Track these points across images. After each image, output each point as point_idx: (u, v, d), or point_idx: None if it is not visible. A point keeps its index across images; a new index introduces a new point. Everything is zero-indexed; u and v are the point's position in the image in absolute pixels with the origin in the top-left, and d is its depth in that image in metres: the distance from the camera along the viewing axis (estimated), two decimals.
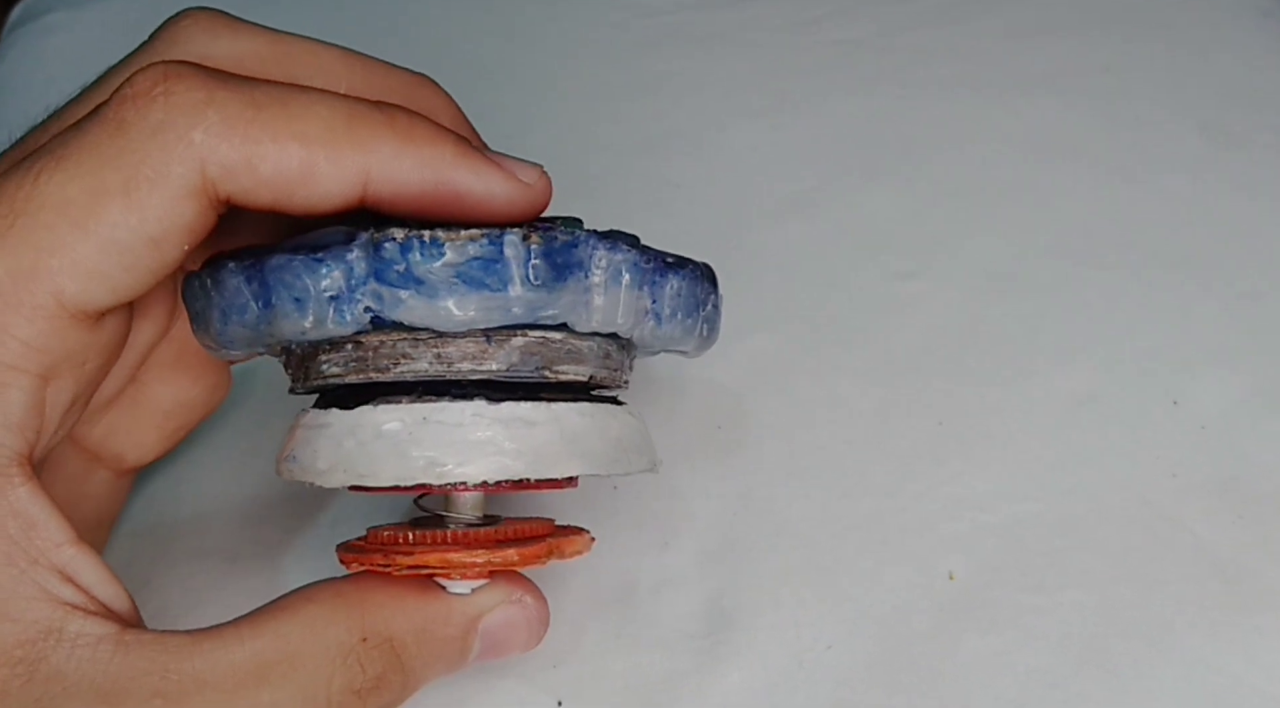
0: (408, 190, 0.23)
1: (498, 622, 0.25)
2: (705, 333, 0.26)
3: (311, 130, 0.22)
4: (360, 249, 0.22)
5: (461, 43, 0.48)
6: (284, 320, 0.22)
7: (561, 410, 0.23)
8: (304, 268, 0.22)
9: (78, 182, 0.21)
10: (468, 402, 0.23)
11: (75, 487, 0.28)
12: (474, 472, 0.22)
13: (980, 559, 0.29)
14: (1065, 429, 0.32)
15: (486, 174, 0.23)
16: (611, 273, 0.23)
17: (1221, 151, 0.40)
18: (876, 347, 0.35)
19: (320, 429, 0.23)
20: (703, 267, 0.26)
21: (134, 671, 0.21)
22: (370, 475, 0.22)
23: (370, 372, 0.23)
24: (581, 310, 0.23)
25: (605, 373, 0.25)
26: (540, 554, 0.24)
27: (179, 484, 0.33)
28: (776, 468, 0.32)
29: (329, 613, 0.23)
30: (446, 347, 0.23)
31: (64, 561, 0.22)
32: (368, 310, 0.22)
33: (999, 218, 0.38)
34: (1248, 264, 0.36)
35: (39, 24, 0.50)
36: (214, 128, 0.21)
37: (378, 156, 0.22)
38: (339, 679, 0.22)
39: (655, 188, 0.40)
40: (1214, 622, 0.28)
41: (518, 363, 0.23)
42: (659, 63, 0.46)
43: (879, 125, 0.42)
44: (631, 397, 0.33)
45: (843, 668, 0.28)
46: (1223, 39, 0.45)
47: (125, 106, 0.22)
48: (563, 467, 0.23)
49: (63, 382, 0.23)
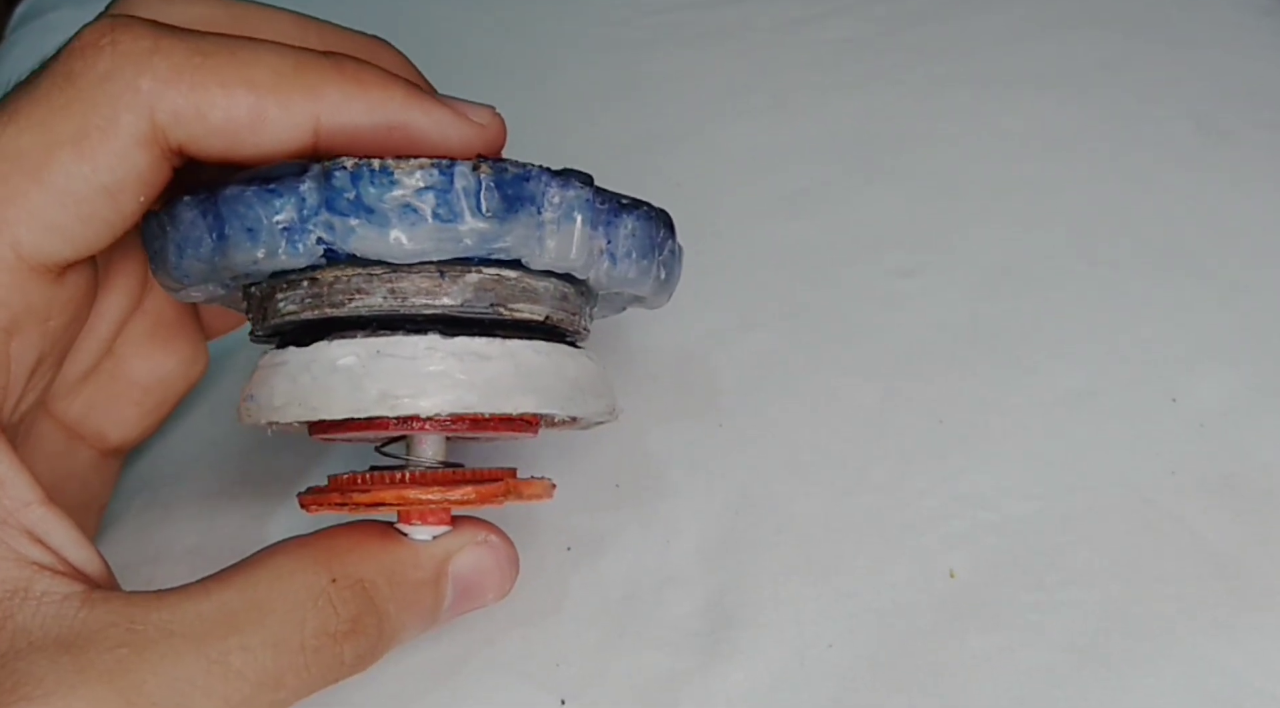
0: (359, 134, 0.23)
1: (467, 565, 0.25)
2: (662, 276, 0.26)
3: (260, 77, 0.22)
4: (312, 179, 0.22)
5: (462, 39, 0.48)
6: (237, 251, 0.22)
7: (516, 347, 0.24)
8: (257, 198, 0.22)
9: (29, 133, 0.21)
10: (422, 335, 0.23)
11: (59, 465, 0.28)
12: (427, 404, 0.23)
13: (981, 557, 0.29)
14: (1064, 427, 0.32)
15: (438, 114, 0.23)
16: (564, 209, 0.23)
17: (1219, 148, 0.40)
18: (877, 344, 0.35)
19: (277, 367, 0.24)
20: (659, 211, 0.26)
21: (99, 624, 0.21)
22: (324, 408, 0.23)
23: (325, 307, 0.23)
24: (534, 246, 0.23)
25: (563, 315, 0.25)
26: (497, 493, 0.24)
27: (160, 478, 0.33)
28: (778, 466, 0.32)
29: (295, 561, 0.23)
30: (400, 281, 0.23)
31: (32, 521, 0.22)
32: (320, 241, 0.22)
33: (998, 214, 0.39)
34: (1245, 260, 0.36)
35: (42, 22, 0.50)
36: (161, 75, 0.22)
37: (327, 102, 0.22)
38: (312, 622, 0.22)
39: (656, 185, 0.40)
40: (1214, 619, 0.28)
41: (472, 298, 0.23)
42: (660, 60, 0.46)
43: (879, 122, 0.42)
44: (632, 395, 0.34)
45: (844, 666, 0.28)
46: (1220, 36, 0.45)
47: (74, 58, 0.22)
48: (516, 401, 0.23)
49: (26, 338, 0.23)
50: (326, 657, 0.22)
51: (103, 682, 0.20)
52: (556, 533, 0.31)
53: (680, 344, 0.35)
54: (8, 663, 0.20)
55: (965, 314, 0.35)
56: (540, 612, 0.29)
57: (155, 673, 0.20)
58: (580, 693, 0.28)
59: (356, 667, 0.23)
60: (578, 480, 0.32)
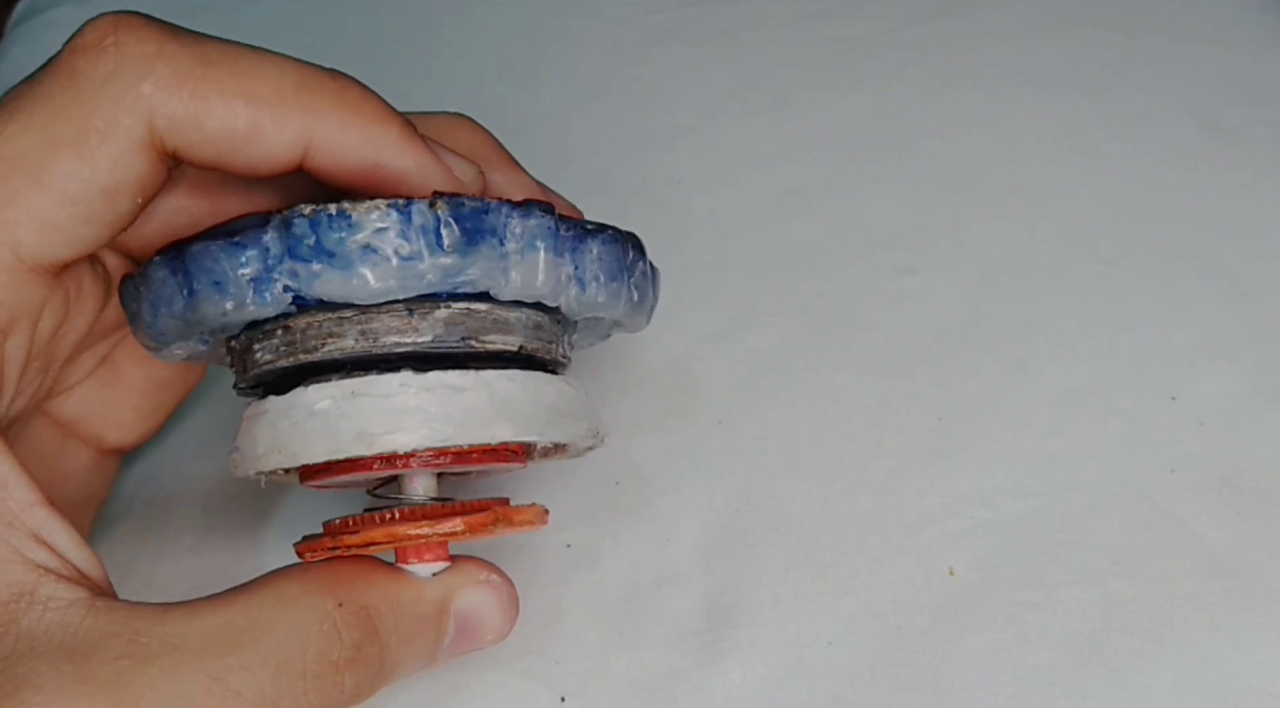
0: (346, 164, 0.23)
1: (469, 603, 0.25)
2: (635, 298, 0.26)
3: (260, 90, 0.22)
4: (274, 230, 0.22)
5: (463, 39, 0.48)
6: (206, 305, 0.23)
7: (490, 377, 0.24)
8: (222, 252, 0.22)
9: (30, 133, 0.21)
10: (395, 373, 0.23)
11: (54, 463, 0.28)
12: (405, 440, 0.23)
13: (980, 556, 0.29)
14: (1064, 425, 0.32)
15: (423, 162, 0.23)
16: (526, 239, 0.23)
17: (1219, 146, 0.40)
18: (876, 342, 0.35)
19: (258, 417, 0.24)
20: (626, 233, 0.26)
21: (102, 634, 0.21)
22: (304, 452, 0.23)
23: (300, 353, 0.23)
24: (499, 277, 0.23)
25: (538, 344, 0.25)
26: (486, 522, 0.24)
27: (161, 479, 0.33)
28: (777, 464, 0.32)
29: (302, 585, 0.23)
30: (370, 322, 0.23)
31: (36, 523, 0.22)
32: (287, 289, 0.22)
33: (998, 213, 0.38)
34: (1245, 258, 0.36)
35: (42, 19, 0.50)
36: (163, 81, 0.22)
37: (322, 125, 0.22)
38: (315, 647, 0.22)
39: (656, 183, 0.40)
40: (1213, 618, 0.28)
41: (443, 334, 0.23)
42: (661, 58, 0.46)
43: (879, 121, 0.42)
44: (631, 394, 0.34)
45: (843, 664, 0.28)
46: (1220, 34, 0.45)
47: (76, 57, 0.22)
48: (493, 430, 0.23)
49: (18, 337, 0.23)
50: (326, 684, 0.22)
51: (102, 693, 0.20)
52: (556, 531, 0.31)
53: (679, 342, 0.35)
54: (10, 667, 0.20)
55: (966, 312, 0.35)
56: (540, 610, 0.29)
57: (154, 688, 0.20)
58: (580, 691, 0.28)
59: (355, 697, 0.23)
60: (577, 480, 0.32)
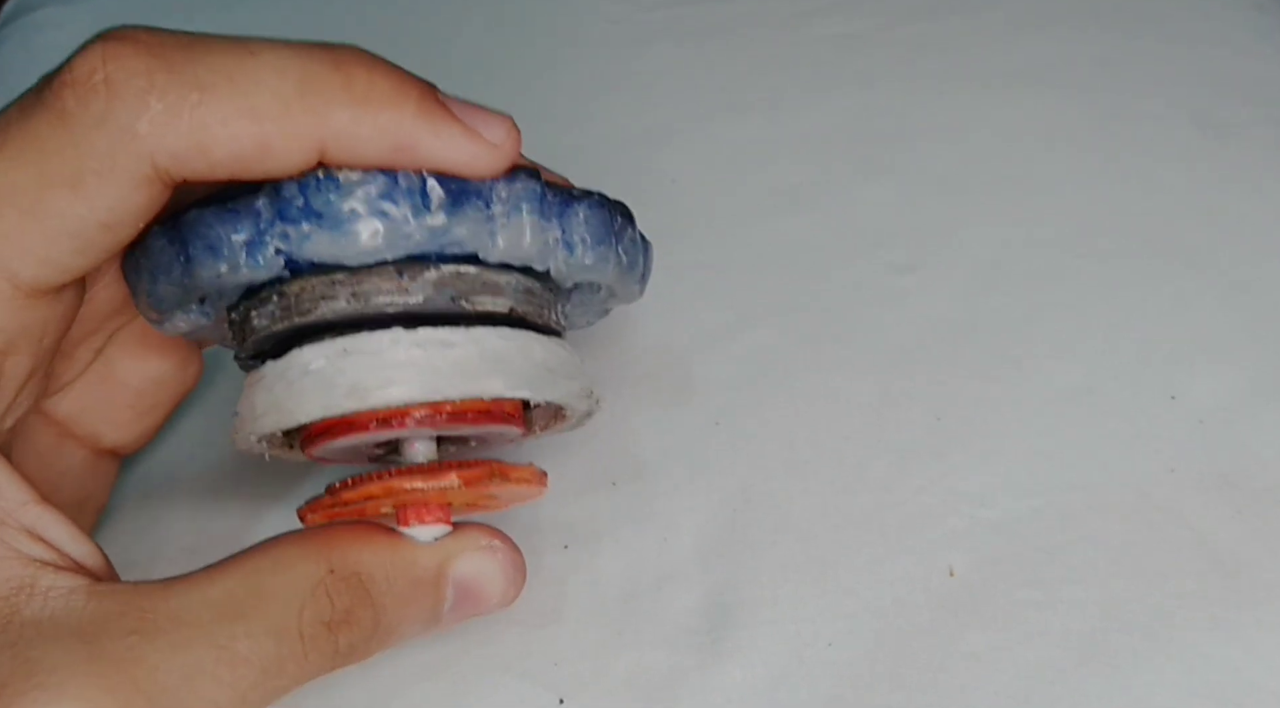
0: (366, 156, 0.23)
1: (470, 569, 0.25)
2: (624, 262, 0.26)
3: (262, 105, 0.21)
4: (265, 195, 0.22)
5: (457, 36, 0.47)
6: (201, 269, 0.23)
7: (480, 333, 0.24)
8: (216, 219, 0.23)
9: (23, 170, 0.21)
10: (385, 330, 0.23)
11: (50, 463, 0.28)
12: (396, 393, 0.23)
13: (980, 555, 0.29)
14: (1063, 424, 0.32)
15: (449, 136, 0.23)
16: (512, 202, 0.24)
17: (1216, 144, 0.40)
18: (874, 341, 0.35)
19: (257, 383, 0.24)
20: (614, 201, 0.26)
21: (108, 614, 0.21)
22: (299, 411, 0.23)
23: (294, 317, 0.24)
24: (486, 239, 0.23)
25: (529, 308, 0.25)
26: (482, 476, 0.24)
27: (155, 482, 0.33)
28: (775, 463, 0.32)
29: (296, 551, 0.23)
30: (362, 284, 0.23)
31: (31, 520, 0.22)
32: (279, 252, 0.23)
33: (995, 211, 0.38)
34: (1243, 256, 0.36)
35: (30, 19, 0.50)
36: (159, 118, 0.21)
37: (333, 126, 0.22)
38: (308, 611, 0.22)
39: (652, 182, 0.40)
40: (1214, 616, 0.28)
41: (433, 294, 0.24)
42: (656, 56, 0.46)
43: (875, 119, 0.42)
44: (628, 393, 0.34)
45: (843, 664, 0.28)
46: (1216, 32, 0.45)
47: (65, 95, 0.21)
48: (484, 384, 0.24)
49: (20, 356, 0.23)
50: (323, 645, 0.23)
51: (116, 669, 0.20)
52: (554, 532, 0.31)
53: (676, 341, 0.35)
54: (20, 652, 0.20)
55: (963, 311, 0.35)
56: (538, 610, 0.29)
57: (166, 660, 0.21)
58: (578, 692, 0.28)
59: (351, 657, 0.23)
60: (575, 479, 0.32)
